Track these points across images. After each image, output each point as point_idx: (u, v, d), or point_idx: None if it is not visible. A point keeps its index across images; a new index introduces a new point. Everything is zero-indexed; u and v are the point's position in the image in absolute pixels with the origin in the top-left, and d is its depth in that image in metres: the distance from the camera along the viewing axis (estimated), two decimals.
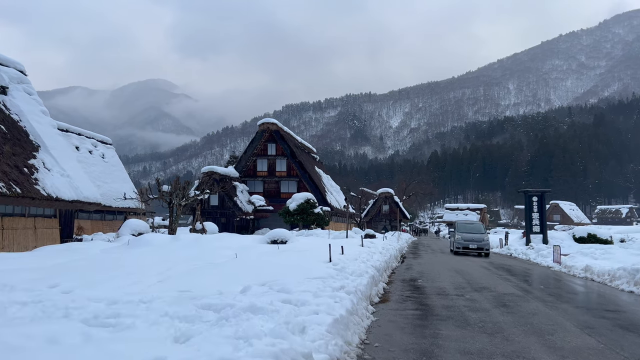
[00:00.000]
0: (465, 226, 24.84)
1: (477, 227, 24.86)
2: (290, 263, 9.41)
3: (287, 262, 9.52)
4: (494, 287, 10.77)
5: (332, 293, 6.48)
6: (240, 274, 8.45)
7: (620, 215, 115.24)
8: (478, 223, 26.24)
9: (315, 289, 6.77)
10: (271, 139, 45.52)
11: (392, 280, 11.77)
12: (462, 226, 24.80)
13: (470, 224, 25.42)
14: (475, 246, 22.42)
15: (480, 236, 23.09)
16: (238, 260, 10.10)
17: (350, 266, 9.17)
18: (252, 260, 10.02)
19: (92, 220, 36.63)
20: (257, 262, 9.77)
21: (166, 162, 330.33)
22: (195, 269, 9.49)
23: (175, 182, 22.29)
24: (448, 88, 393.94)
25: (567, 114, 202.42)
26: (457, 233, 23.57)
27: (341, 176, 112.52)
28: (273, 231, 15.82)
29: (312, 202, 35.94)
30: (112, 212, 38.74)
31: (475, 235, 23.14)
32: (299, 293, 6.36)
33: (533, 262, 19.70)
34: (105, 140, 45.46)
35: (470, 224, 25.50)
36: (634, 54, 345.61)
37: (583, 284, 12.03)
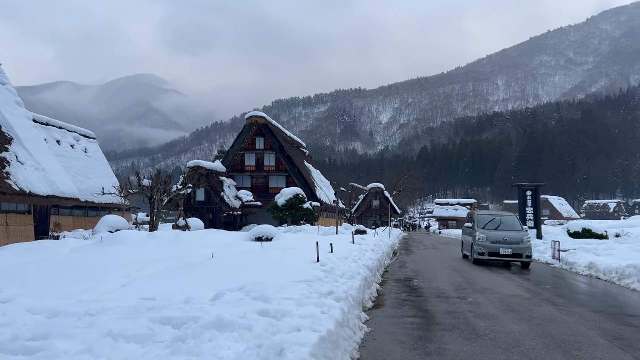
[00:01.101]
0: (491, 220, 16.38)
1: (510, 222, 16.40)
2: (273, 263, 8.43)
3: (270, 263, 8.54)
4: (496, 287, 9.89)
5: (319, 300, 5.51)
6: (216, 277, 7.46)
7: (609, 210, 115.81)
8: (511, 215, 17.34)
9: (300, 295, 5.80)
10: (259, 133, 44.40)
11: (386, 280, 10.84)
12: (485, 219, 16.42)
13: (500, 217, 16.75)
14: (510, 251, 14.41)
15: (517, 235, 15.01)
16: (216, 260, 9.09)
17: (341, 267, 8.21)
18: (232, 260, 9.02)
19: (74, 217, 35.30)
20: (237, 262, 8.78)
21: (155, 158, 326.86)
22: (166, 271, 8.47)
23: (157, 177, 21.17)
24: (437, 84, 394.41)
25: (555, 109, 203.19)
26: (479, 231, 15.45)
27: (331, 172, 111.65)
28: (258, 228, 14.82)
29: (301, 197, 34.96)
30: (95, 208, 37.47)
31: (509, 234, 15.09)
32: (279, 301, 5.38)
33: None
34: (88, 134, 44.10)
35: (500, 216, 16.93)
36: (621, 50, 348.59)
37: (590, 283, 11.21)
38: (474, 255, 15.26)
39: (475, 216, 16.62)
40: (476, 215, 16.69)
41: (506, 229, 15.65)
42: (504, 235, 14.98)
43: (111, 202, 34.86)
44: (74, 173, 36.02)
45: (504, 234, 15.11)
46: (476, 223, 15.98)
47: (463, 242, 18.52)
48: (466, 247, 17.42)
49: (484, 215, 16.88)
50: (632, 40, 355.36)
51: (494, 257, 14.71)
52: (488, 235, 15.07)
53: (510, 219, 16.71)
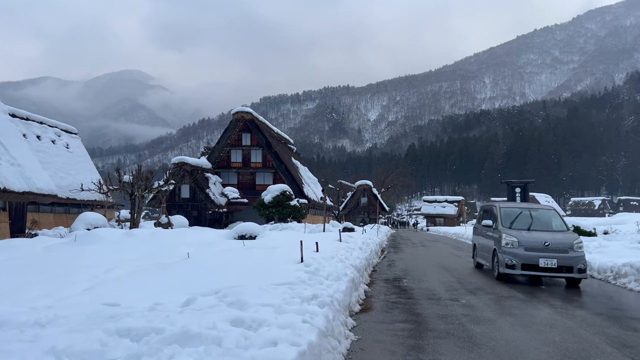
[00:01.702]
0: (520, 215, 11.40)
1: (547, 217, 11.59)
2: (254, 264, 7.88)
3: (250, 263, 7.98)
4: (490, 287, 9.44)
5: (300, 307, 4.97)
6: (190, 279, 6.88)
7: (593, 207, 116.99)
8: (548, 208, 12.48)
9: (280, 300, 5.26)
10: (246, 128, 43.67)
11: (374, 280, 10.35)
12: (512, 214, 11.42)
13: (532, 211, 11.78)
14: (555, 263, 9.80)
15: (563, 238, 10.41)
16: (192, 260, 8.50)
17: (326, 267, 7.68)
18: (210, 261, 8.43)
19: (55, 214, 34.35)
20: (215, 262, 8.20)
21: (141, 154, 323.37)
22: (138, 272, 7.86)
23: (137, 173, 20.44)
24: (425, 81, 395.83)
25: (541, 107, 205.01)
26: (505, 232, 10.61)
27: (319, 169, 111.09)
28: (241, 225, 14.24)
29: (288, 194, 34.37)
30: (77, 205, 36.56)
31: (551, 236, 10.37)
32: (257, 308, 4.83)
33: None
34: (69, 129, 43.06)
35: (531, 209, 11.92)
36: (606, 49, 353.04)
37: (584, 282, 10.83)
38: (498, 268, 10.39)
39: (496, 209, 11.73)
40: (498, 208, 11.79)
41: (543, 229, 10.95)
42: (544, 237, 10.16)
43: (94, 199, 33.96)
44: (55, 169, 35.06)
45: (543, 236, 10.29)
46: (499, 219, 11.19)
47: (475, 245, 13.43)
48: (481, 253, 12.46)
49: (510, 209, 11.85)
50: (616, 40, 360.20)
51: (530, 270, 9.86)
52: (520, 238, 10.17)
53: (547, 214, 11.85)
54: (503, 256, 10.25)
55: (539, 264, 9.82)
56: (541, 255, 9.84)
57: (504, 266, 10.14)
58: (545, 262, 9.81)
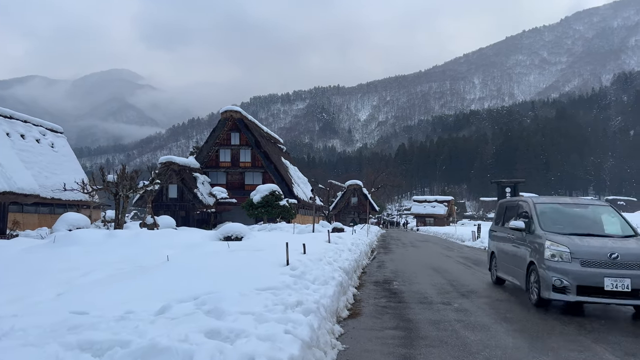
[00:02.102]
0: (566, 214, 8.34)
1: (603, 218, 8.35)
2: (237, 267, 7.50)
3: (234, 266, 7.60)
4: (483, 290, 9.15)
5: (283, 315, 4.62)
6: (169, 284, 6.50)
7: None
8: (602, 204, 9.01)
9: (262, 307, 4.90)
10: (235, 127, 43.18)
11: (363, 282, 10.02)
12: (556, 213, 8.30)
13: (585, 208, 8.64)
14: (629, 285, 6.54)
15: (637, 248, 7.02)
16: (172, 263, 8.10)
17: (313, 270, 7.33)
18: (192, 264, 8.04)
19: (40, 214, 33.70)
20: (196, 266, 7.81)
21: (130, 154, 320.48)
22: (115, 276, 7.46)
23: (122, 172, 19.94)
24: (415, 82, 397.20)
25: (530, 108, 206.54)
26: (549, 237, 7.35)
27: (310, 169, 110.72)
28: (227, 226, 13.85)
29: (277, 194, 33.99)
30: (62, 205, 35.92)
31: (618, 243, 7.14)
32: (236, 316, 4.47)
33: None
34: (55, 128, 42.36)
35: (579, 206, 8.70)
36: (594, 50, 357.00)
37: None
38: (539, 290, 7.22)
39: (530, 206, 8.47)
40: (531, 204, 8.48)
41: (601, 233, 7.76)
42: (608, 246, 7.02)
43: (79, 199, 33.32)
44: (39, 168, 34.41)
45: (607, 243, 7.16)
46: (536, 219, 7.98)
47: (494, 254, 10.05)
48: (506, 265, 9.11)
49: (551, 205, 8.56)
50: (604, 41, 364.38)
51: (590, 295, 6.73)
52: (573, 248, 6.97)
53: (602, 212, 8.54)
54: (547, 274, 6.93)
55: (604, 285, 6.56)
56: (607, 273, 6.59)
57: (549, 288, 6.88)
58: (614, 283, 6.52)
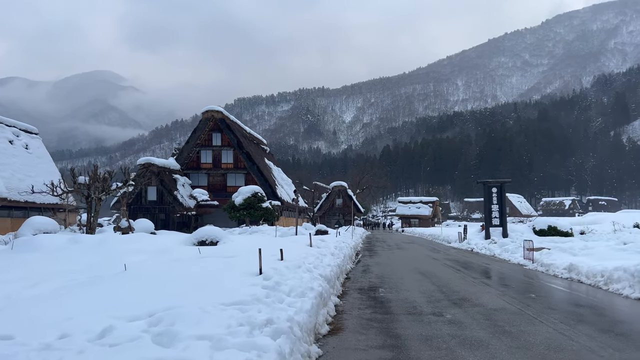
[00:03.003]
0: None
1: None
2: (205, 277, 6.68)
3: (201, 276, 6.78)
4: (475, 297, 8.47)
5: (248, 339, 3.83)
6: (125, 297, 5.66)
7: (564, 207, 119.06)
8: None
9: (224, 329, 4.10)
10: (216, 128, 42.16)
11: (347, 290, 9.27)
12: None
13: None
14: None
15: None
16: (132, 272, 7.23)
17: (290, 279, 6.54)
18: (154, 273, 7.20)
19: (12, 219, 32.35)
20: (161, 275, 6.97)
21: (112, 156, 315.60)
22: (65, 288, 6.58)
23: (94, 173, 18.89)
24: (399, 84, 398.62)
25: (512, 109, 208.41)
26: None
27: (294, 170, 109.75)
28: (202, 229, 12.99)
29: (260, 195, 33.08)
30: (36, 208, 34.62)
31: None
32: (188, 342, 3.67)
33: (500, 259, 17.83)
34: (29, 129, 40.99)
35: None
36: (574, 53, 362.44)
37: (575, 289, 9.99)
38: None
39: None
40: None
41: None
42: None
43: (55, 202, 32.07)
44: (12, 171, 33.20)
45: None
46: None
47: None
48: None
49: None
50: (584, 44, 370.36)
51: None
52: None
53: None
54: None
55: None
56: None
57: None
58: None
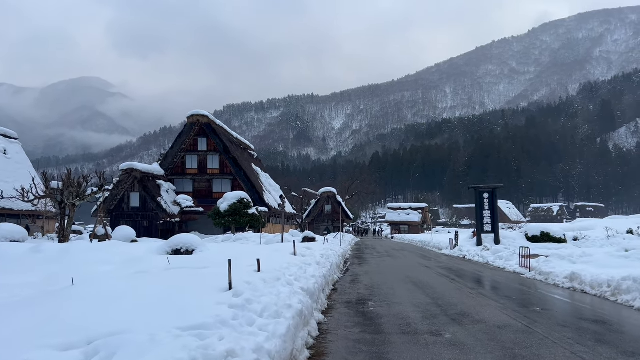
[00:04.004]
0: None
1: None
2: (166, 293, 5.77)
3: (162, 291, 5.87)
4: (475, 312, 7.65)
5: None
6: (64, 319, 4.74)
7: (552, 213, 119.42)
8: None
9: None
10: (202, 133, 41.15)
11: (333, 303, 8.41)
12: None
13: None
14: None
15: None
16: (83, 287, 6.29)
17: (265, 295, 5.65)
18: (110, 287, 6.26)
19: None
20: (115, 290, 6.05)
21: (100, 163, 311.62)
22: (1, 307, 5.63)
23: (67, 177, 17.85)
24: (388, 91, 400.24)
25: (500, 116, 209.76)
26: None
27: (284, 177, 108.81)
28: (177, 237, 12.05)
29: (246, 201, 32.12)
30: (14, 215, 33.38)
31: None
32: None
33: (495, 267, 17.08)
34: (8, 133, 39.80)
35: None
36: (560, 61, 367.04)
37: (580, 301, 9.23)
38: None
39: None
40: None
41: None
42: None
43: (33, 209, 30.86)
44: None
45: None
46: None
47: None
48: None
49: None
50: (569, 52, 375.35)
51: None
52: None
53: None
54: None
55: None
56: None
57: None
58: None
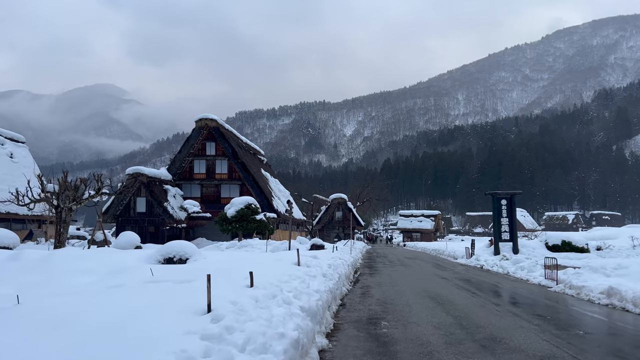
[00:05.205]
0: None
1: None
2: (131, 315, 4.71)
3: (125, 313, 4.81)
4: (508, 336, 6.50)
5: None
6: None
7: (567, 221, 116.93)
8: None
9: None
10: (210, 137, 40.38)
11: (340, 323, 7.32)
12: None
13: None
14: None
15: None
16: (27, 307, 5.25)
17: (252, 320, 4.56)
18: (60, 308, 5.21)
19: None
20: (65, 312, 5.01)
21: (113, 169, 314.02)
22: None
23: (63, 180, 17.03)
24: (400, 98, 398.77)
25: (513, 123, 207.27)
26: None
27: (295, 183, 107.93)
28: (171, 244, 11.06)
29: (254, 207, 31.13)
30: (20, 220, 32.91)
31: None
32: None
33: (516, 278, 15.83)
34: (16, 137, 39.48)
35: None
36: (574, 68, 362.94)
37: (625, 321, 8.02)
38: None
39: None
40: None
41: None
42: None
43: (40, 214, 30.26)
44: None
45: None
46: None
47: None
48: None
49: None
50: (584, 58, 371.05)
51: None
52: None
53: None
54: None
55: None
56: None
57: None
58: None
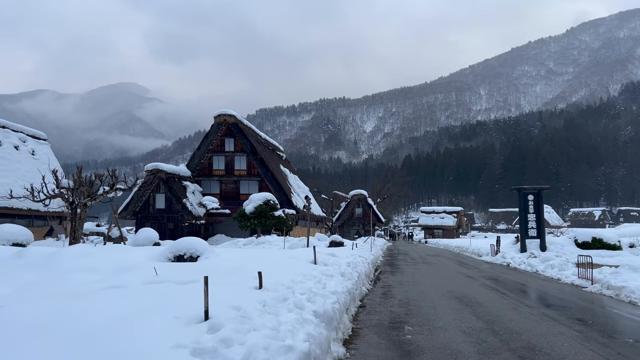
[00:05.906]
0: None
1: None
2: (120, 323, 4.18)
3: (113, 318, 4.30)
4: (548, 344, 5.81)
5: None
6: None
7: (593, 217, 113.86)
8: None
9: None
10: (229, 133, 40.13)
11: (359, 328, 6.72)
12: None
13: None
14: None
15: None
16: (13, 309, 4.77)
17: (256, 329, 3.97)
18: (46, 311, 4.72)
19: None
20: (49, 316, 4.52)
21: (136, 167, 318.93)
22: None
23: (78, 175, 16.81)
24: (421, 93, 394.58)
25: (537, 118, 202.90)
26: None
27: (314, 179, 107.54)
28: (181, 241, 10.60)
29: (272, 203, 30.71)
30: (41, 217, 33.14)
31: None
32: None
33: (546, 277, 14.97)
34: (37, 134, 39.87)
35: None
36: (600, 61, 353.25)
37: None
38: None
39: None
40: None
41: None
42: None
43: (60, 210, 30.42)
44: (15, 177, 32.06)
45: None
46: None
47: None
48: None
49: None
50: (610, 51, 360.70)
51: None
52: None
53: None
54: None
55: None
56: None
57: None
58: None
